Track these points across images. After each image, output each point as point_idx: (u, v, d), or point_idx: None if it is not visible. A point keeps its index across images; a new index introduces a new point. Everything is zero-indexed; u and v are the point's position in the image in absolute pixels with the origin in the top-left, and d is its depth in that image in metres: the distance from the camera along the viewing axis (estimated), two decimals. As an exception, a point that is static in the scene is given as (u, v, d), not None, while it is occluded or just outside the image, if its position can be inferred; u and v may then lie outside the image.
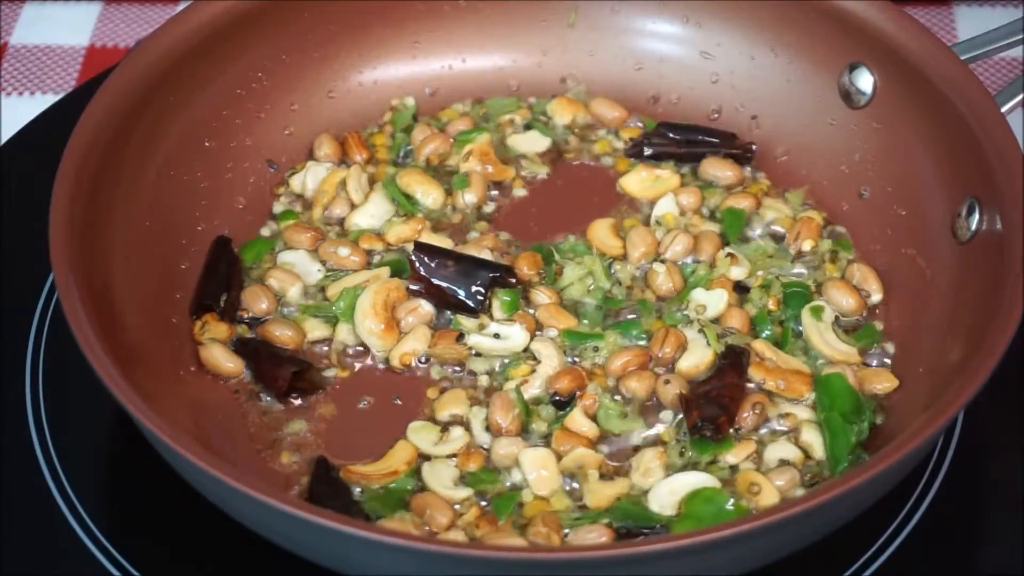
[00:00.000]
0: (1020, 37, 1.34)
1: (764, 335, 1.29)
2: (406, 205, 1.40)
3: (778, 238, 1.38)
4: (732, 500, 1.18)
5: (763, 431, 1.24)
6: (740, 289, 1.33)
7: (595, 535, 1.15)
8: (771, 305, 1.31)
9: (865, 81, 1.38)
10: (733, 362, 1.25)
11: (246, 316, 1.32)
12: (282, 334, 1.30)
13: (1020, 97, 1.29)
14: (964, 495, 1.24)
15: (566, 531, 1.16)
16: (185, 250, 1.34)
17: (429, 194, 1.41)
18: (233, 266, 1.34)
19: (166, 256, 1.32)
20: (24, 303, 1.37)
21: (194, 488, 1.12)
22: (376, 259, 1.36)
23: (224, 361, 1.28)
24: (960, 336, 1.20)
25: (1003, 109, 1.27)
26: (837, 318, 1.31)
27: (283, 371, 1.26)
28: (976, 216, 1.25)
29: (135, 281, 1.26)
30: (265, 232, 1.39)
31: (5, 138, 1.52)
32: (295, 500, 1.11)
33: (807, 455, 1.22)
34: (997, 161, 1.22)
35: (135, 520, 1.23)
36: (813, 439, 1.22)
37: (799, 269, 1.35)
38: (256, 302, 1.32)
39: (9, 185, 1.47)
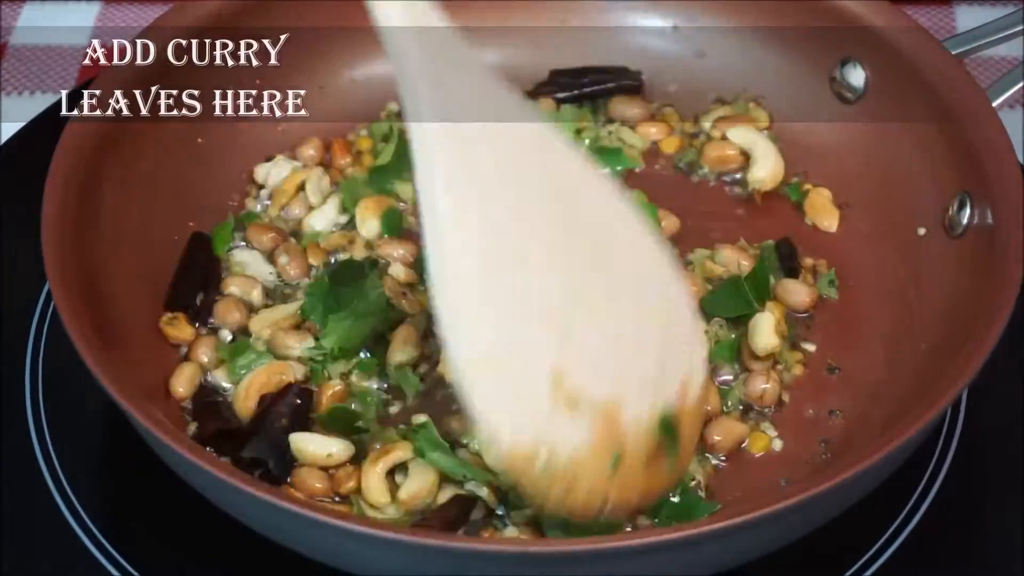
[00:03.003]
0: (1013, 31, 1.35)
1: None
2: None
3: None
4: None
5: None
6: None
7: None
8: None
9: (857, 77, 1.38)
10: None
11: (219, 325, 1.31)
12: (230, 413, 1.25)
13: (1011, 91, 1.30)
14: (965, 495, 1.24)
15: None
16: (177, 247, 1.34)
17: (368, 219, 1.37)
18: (210, 265, 1.33)
19: (158, 253, 1.32)
20: (24, 303, 1.37)
21: (193, 488, 1.12)
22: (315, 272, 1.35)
23: (177, 385, 1.25)
24: (952, 331, 1.19)
25: (994, 104, 1.27)
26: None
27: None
28: (968, 210, 1.25)
29: (128, 279, 1.26)
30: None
31: (5, 138, 1.53)
32: (291, 496, 1.12)
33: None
34: (988, 156, 1.22)
35: (135, 520, 1.23)
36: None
37: None
38: (229, 315, 1.30)
39: (9, 185, 1.47)
